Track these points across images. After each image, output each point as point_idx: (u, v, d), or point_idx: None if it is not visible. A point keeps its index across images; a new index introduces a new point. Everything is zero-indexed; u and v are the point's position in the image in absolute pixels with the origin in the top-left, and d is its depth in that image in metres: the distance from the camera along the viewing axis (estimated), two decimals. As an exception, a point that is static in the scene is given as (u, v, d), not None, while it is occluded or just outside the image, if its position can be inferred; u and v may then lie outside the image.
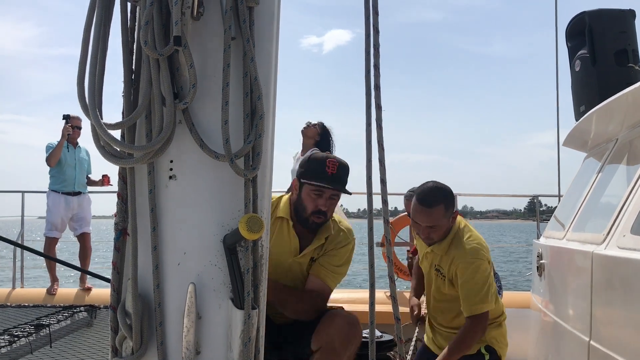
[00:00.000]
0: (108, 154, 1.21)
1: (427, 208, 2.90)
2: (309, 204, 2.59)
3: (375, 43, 1.46)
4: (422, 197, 2.93)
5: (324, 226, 2.69)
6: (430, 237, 2.98)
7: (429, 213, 2.90)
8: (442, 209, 2.91)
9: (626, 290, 2.00)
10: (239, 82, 1.23)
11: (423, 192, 2.95)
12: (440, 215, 2.91)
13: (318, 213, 2.59)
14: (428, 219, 2.91)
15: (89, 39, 1.21)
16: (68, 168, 5.97)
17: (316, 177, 2.56)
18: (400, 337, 1.54)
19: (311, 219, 2.61)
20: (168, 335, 1.20)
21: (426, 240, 3.02)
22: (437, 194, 2.93)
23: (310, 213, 2.60)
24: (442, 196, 2.94)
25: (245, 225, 1.12)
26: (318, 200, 2.58)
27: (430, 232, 2.95)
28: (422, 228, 2.96)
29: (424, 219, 2.93)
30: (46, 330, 3.49)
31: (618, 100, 2.62)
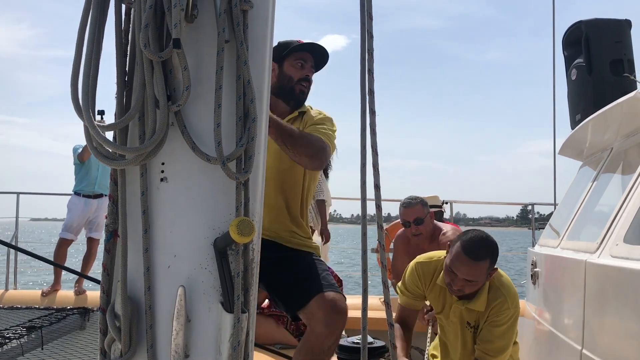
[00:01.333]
0: (101, 155, 1.20)
1: (473, 261, 2.67)
2: (294, 73, 2.67)
3: (369, 48, 1.47)
4: (469, 247, 2.69)
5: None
6: (463, 291, 2.77)
7: (473, 267, 2.68)
8: (487, 264, 2.71)
9: (619, 299, 2.00)
10: (232, 85, 1.23)
11: (471, 242, 2.71)
12: (483, 271, 2.71)
13: (305, 80, 2.67)
14: (470, 273, 2.69)
15: (83, 41, 1.21)
16: (92, 167, 5.95)
17: (295, 48, 2.67)
18: (393, 343, 1.54)
19: (297, 87, 2.67)
20: (157, 338, 1.20)
21: (456, 292, 2.80)
22: (486, 248, 2.72)
23: (297, 81, 2.66)
24: (490, 251, 2.73)
25: (236, 228, 1.12)
26: (302, 70, 2.67)
27: (465, 285, 2.73)
28: (458, 279, 2.72)
29: (466, 272, 2.69)
30: (38, 332, 3.47)
31: (613, 109, 2.63)
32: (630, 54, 3.25)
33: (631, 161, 2.70)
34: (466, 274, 2.68)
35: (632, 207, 2.16)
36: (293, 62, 2.67)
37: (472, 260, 2.66)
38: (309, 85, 2.71)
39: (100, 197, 6.03)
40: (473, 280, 2.70)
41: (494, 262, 2.73)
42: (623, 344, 1.94)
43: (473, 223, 65.81)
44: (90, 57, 1.20)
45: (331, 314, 2.38)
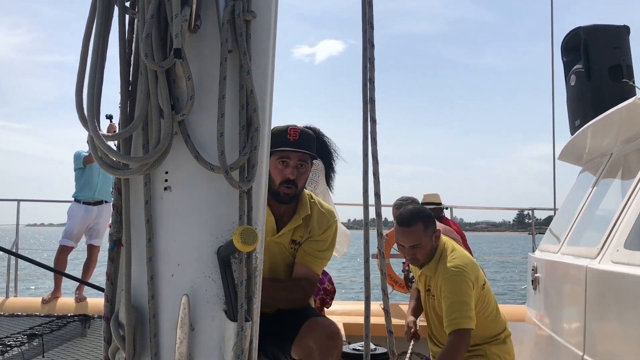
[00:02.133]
0: (105, 164, 1.21)
1: (406, 227, 3.02)
2: (277, 175, 2.53)
3: (370, 57, 1.48)
4: (400, 218, 3.07)
5: (301, 205, 2.63)
6: (415, 258, 3.08)
7: (408, 232, 3.03)
8: (421, 226, 3.02)
9: (620, 305, 2.01)
10: (235, 94, 1.24)
11: (401, 214, 3.10)
12: (420, 234, 3.02)
13: (287, 182, 2.52)
14: (409, 238, 3.03)
15: (87, 50, 1.22)
16: (94, 174, 5.94)
17: (279, 145, 2.51)
18: (392, 350, 1.54)
19: (281, 190, 2.52)
20: (161, 347, 1.20)
21: (412, 261, 3.14)
22: (414, 213, 3.06)
23: (279, 184, 2.52)
24: (419, 215, 3.06)
25: (239, 237, 1.12)
26: (285, 170, 2.52)
27: (414, 252, 3.05)
28: (407, 249, 3.07)
29: (405, 239, 3.05)
30: (39, 339, 3.47)
31: (612, 115, 2.64)
32: (629, 59, 3.27)
33: (631, 166, 2.70)
34: (406, 240, 3.04)
35: (632, 212, 2.17)
36: (275, 161, 2.53)
37: (405, 227, 3.03)
38: (295, 187, 2.55)
39: (101, 203, 6.02)
40: (415, 244, 3.02)
41: (428, 223, 3.04)
42: (624, 349, 1.94)
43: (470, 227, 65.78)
44: (95, 67, 1.21)
45: (324, 342, 2.34)
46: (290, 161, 2.52)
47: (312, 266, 2.59)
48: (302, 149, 2.53)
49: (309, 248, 2.61)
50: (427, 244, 3.05)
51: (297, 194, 2.60)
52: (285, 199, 2.56)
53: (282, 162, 2.53)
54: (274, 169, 2.52)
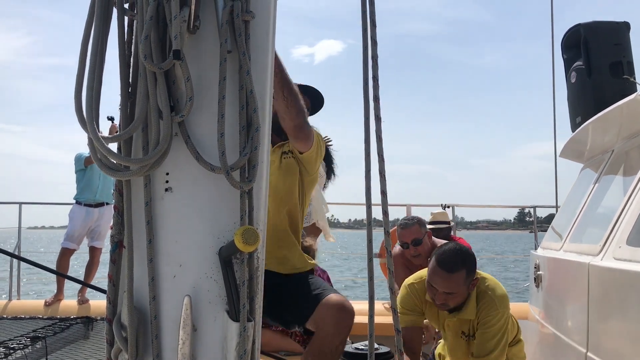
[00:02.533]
0: (105, 166, 1.21)
1: (447, 273, 2.70)
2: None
3: (373, 54, 1.48)
4: (443, 260, 2.72)
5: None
6: (446, 304, 2.78)
7: (449, 278, 2.70)
8: (464, 274, 2.72)
9: (622, 302, 2.00)
10: (234, 95, 1.24)
11: (445, 255, 2.74)
12: (460, 282, 2.72)
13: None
14: (447, 285, 2.72)
15: (86, 53, 1.22)
16: (94, 176, 5.94)
17: None
18: (400, 349, 1.54)
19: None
20: (164, 348, 1.20)
21: (441, 307, 2.82)
22: (459, 258, 2.74)
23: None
24: (464, 261, 2.75)
25: (240, 237, 1.12)
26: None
27: (447, 298, 2.75)
28: (439, 293, 2.75)
29: (443, 285, 2.72)
30: (42, 342, 3.48)
31: (613, 111, 2.64)
32: (630, 56, 3.26)
33: (632, 163, 2.70)
34: (444, 286, 2.71)
35: (634, 209, 2.16)
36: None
37: (447, 272, 2.69)
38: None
39: (102, 205, 6.03)
40: (452, 292, 2.72)
41: (471, 271, 2.76)
42: (628, 346, 1.94)
43: (471, 226, 65.80)
44: (94, 69, 1.21)
45: (339, 313, 2.41)
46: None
47: None
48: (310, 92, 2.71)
49: None
50: (464, 292, 2.76)
51: None
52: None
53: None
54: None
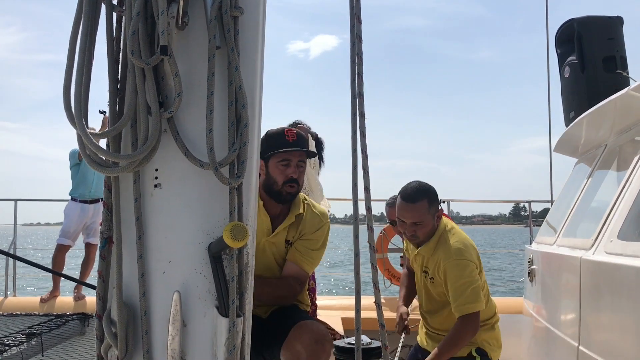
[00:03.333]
0: (94, 162, 1.21)
1: (410, 203, 2.94)
2: (279, 176, 2.60)
3: (358, 51, 1.48)
4: (405, 193, 2.98)
5: (294, 204, 2.69)
6: (415, 235, 3.00)
7: (412, 208, 2.94)
8: (426, 204, 2.95)
9: (614, 296, 2.01)
10: (223, 91, 1.24)
11: (406, 190, 3.00)
12: (424, 211, 2.94)
13: (290, 182, 2.59)
14: (412, 215, 2.95)
15: (74, 49, 1.22)
16: (88, 171, 5.93)
17: (279, 147, 2.59)
18: (385, 344, 1.54)
19: (284, 190, 2.60)
20: (153, 344, 1.20)
21: (412, 239, 3.05)
22: (420, 190, 2.97)
23: (282, 184, 2.59)
24: (425, 192, 2.98)
25: (229, 233, 1.12)
26: (287, 170, 2.59)
27: (415, 229, 2.97)
28: (407, 226, 2.99)
29: (408, 215, 2.96)
30: (38, 338, 3.47)
31: (606, 106, 2.64)
32: (623, 50, 3.26)
33: (625, 157, 2.71)
34: (409, 217, 2.95)
35: (625, 203, 2.17)
36: (277, 163, 2.60)
37: (410, 202, 2.93)
38: (297, 186, 2.63)
39: (97, 201, 6.02)
40: (418, 221, 2.94)
41: (432, 201, 2.97)
42: (619, 339, 1.95)
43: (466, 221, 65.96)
44: (82, 65, 1.21)
45: (311, 345, 2.31)
46: (291, 162, 2.60)
47: (302, 264, 2.61)
48: (302, 147, 2.64)
49: (300, 246, 2.64)
50: (429, 222, 2.97)
51: (298, 191, 2.67)
52: (288, 198, 2.63)
53: (284, 163, 2.59)
54: (274, 170, 2.60)
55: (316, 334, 2.35)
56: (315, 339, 2.33)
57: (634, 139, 2.64)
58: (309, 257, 2.63)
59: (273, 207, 2.66)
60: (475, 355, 2.98)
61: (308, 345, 2.31)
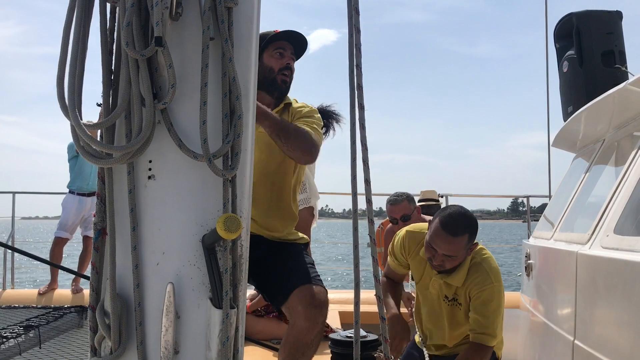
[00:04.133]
0: (88, 154, 1.21)
1: (451, 236, 2.67)
2: (275, 63, 2.65)
3: (357, 43, 1.47)
4: (447, 222, 2.69)
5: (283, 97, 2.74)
6: (443, 266, 2.78)
7: (451, 242, 2.68)
8: (466, 239, 2.70)
9: (609, 290, 2.01)
10: (217, 82, 1.24)
11: (449, 218, 2.71)
12: (462, 246, 2.70)
13: (285, 69, 2.65)
14: (449, 248, 2.69)
15: (68, 40, 1.21)
16: (86, 163, 5.92)
17: (272, 38, 2.66)
18: (385, 337, 1.55)
19: (279, 77, 2.65)
20: (147, 335, 1.20)
21: (437, 267, 2.81)
22: (463, 223, 2.71)
23: (278, 71, 2.64)
24: (468, 226, 2.72)
25: (222, 225, 1.12)
26: (282, 59, 2.66)
27: (445, 261, 2.74)
28: (438, 255, 2.73)
29: (445, 247, 2.69)
30: (35, 331, 3.48)
31: (604, 100, 2.64)
32: (622, 45, 3.26)
33: (623, 152, 2.70)
34: (445, 249, 2.68)
35: (622, 198, 2.17)
36: (272, 52, 2.66)
37: (451, 235, 2.65)
38: (291, 73, 2.70)
39: (95, 194, 6.02)
40: (452, 255, 2.70)
41: (472, 236, 2.74)
42: (614, 334, 1.95)
43: (464, 217, 65.77)
44: (76, 57, 1.20)
45: (310, 308, 2.39)
46: (285, 52, 2.67)
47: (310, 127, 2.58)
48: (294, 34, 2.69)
49: (300, 121, 2.62)
50: (462, 256, 2.75)
51: (290, 85, 2.72)
52: (282, 87, 2.68)
53: (279, 51, 2.66)
54: (269, 59, 2.66)
55: (317, 300, 2.42)
56: (315, 304, 2.41)
57: (631, 134, 2.63)
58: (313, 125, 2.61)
59: (264, 99, 2.62)
60: None
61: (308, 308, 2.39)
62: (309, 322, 2.39)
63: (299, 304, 2.41)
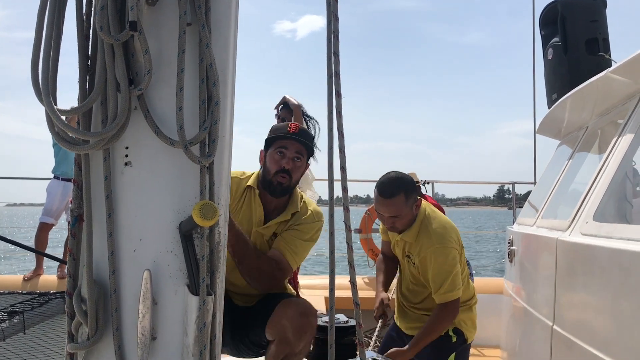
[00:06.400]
0: (63, 140, 1.20)
1: (387, 199, 2.93)
2: (273, 165, 2.55)
3: (335, 30, 1.47)
4: (382, 188, 2.96)
5: (292, 201, 2.64)
6: (394, 227, 3.03)
7: (389, 203, 2.94)
8: (403, 198, 2.93)
9: (587, 276, 2.04)
10: (194, 68, 1.23)
11: (383, 183, 2.97)
12: (401, 205, 2.94)
13: (282, 172, 2.52)
14: (389, 209, 2.95)
15: (42, 25, 1.20)
16: None
17: (278, 136, 2.58)
18: (359, 322, 1.56)
19: (275, 179, 2.53)
20: (124, 321, 1.21)
21: (391, 229, 3.07)
22: (396, 184, 2.95)
23: (274, 173, 2.53)
24: (401, 185, 2.95)
25: (198, 212, 1.12)
26: (281, 160, 2.54)
27: (394, 221, 2.99)
28: (386, 219, 3.00)
29: (385, 210, 2.97)
30: (20, 316, 3.47)
31: (587, 88, 2.65)
32: (606, 33, 3.27)
33: (605, 140, 2.73)
34: (387, 211, 2.95)
35: (602, 185, 2.19)
36: (273, 152, 2.57)
37: (387, 198, 2.92)
38: (289, 177, 2.54)
39: None
40: (395, 215, 2.95)
41: (409, 193, 2.95)
42: (591, 319, 1.98)
43: (451, 203, 66.45)
44: (50, 41, 1.19)
45: (297, 319, 2.33)
46: (287, 151, 2.54)
47: (284, 252, 2.51)
48: (300, 137, 2.56)
49: (287, 234, 2.56)
50: (408, 213, 2.98)
51: (290, 187, 2.59)
52: (278, 189, 2.55)
53: (279, 152, 2.55)
54: (270, 159, 2.56)
55: (302, 308, 2.37)
56: (300, 312, 2.35)
57: (613, 121, 2.65)
58: (294, 247, 2.53)
59: (269, 200, 2.60)
60: (452, 334, 3.03)
61: (293, 318, 2.33)
62: (297, 334, 2.32)
63: (283, 318, 2.33)
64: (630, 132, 2.20)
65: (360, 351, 1.52)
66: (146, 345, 1.19)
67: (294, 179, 2.57)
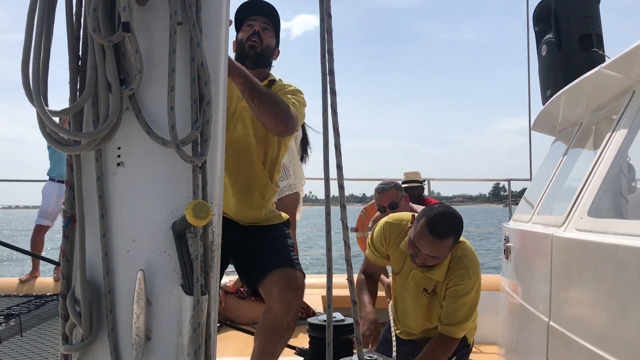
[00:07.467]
0: (54, 141, 1.19)
1: (436, 239, 2.64)
2: (244, 36, 2.69)
3: (328, 28, 1.47)
4: (433, 226, 2.63)
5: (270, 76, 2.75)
6: (425, 265, 2.77)
7: (436, 244, 2.65)
8: (451, 242, 2.69)
9: (582, 272, 2.04)
10: (185, 67, 1.22)
11: (435, 221, 2.65)
12: (446, 249, 2.70)
13: (252, 35, 2.66)
14: (434, 250, 2.67)
15: (32, 26, 1.19)
16: None
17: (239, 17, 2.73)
18: (357, 320, 1.56)
19: (247, 44, 2.66)
20: (118, 322, 1.20)
21: (419, 264, 2.80)
22: (450, 227, 2.68)
23: (246, 40, 2.67)
24: (454, 230, 2.69)
25: (191, 211, 1.12)
26: (251, 29, 2.68)
27: (428, 259, 2.73)
28: (421, 254, 2.72)
29: (429, 249, 2.67)
30: (16, 319, 3.46)
31: (581, 84, 2.66)
32: (599, 29, 3.28)
33: (600, 135, 2.73)
34: (429, 251, 2.66)
35: (596, 181, 2.19)
36: (244, 28, 2.71)
37: (437, 239, 2.62)
38: (259, 40, 2.67)
39: None
40: (436, 256, 2.70)
41: (458, 238, 2.74)
42: (586, 315, 1.98)
43: (447, 201, 66.59)
44: (40, 42, 1.18)
45: (285, 292, 2.41)
46: (255, 22, 2.69)
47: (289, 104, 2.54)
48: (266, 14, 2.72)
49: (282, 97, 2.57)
50: (446, 255, 2.75)
51: (263, 51, 2.70)
52: (251, 53, 2.66)
53: (249, 25, 2.70)
54: (242, 34, 2.70)
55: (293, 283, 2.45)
56: (291, 287, 2.43)
57: (607, 117, 2.66)
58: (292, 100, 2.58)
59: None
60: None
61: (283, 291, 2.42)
62: (284, 305, 2.41)
63: (275, 287, 2.43)
64: (624, 127, 2.20)
65: (358, 349, 1.52)
66: (141, 345, 1.19)
67: (264, 43, 2.69)
